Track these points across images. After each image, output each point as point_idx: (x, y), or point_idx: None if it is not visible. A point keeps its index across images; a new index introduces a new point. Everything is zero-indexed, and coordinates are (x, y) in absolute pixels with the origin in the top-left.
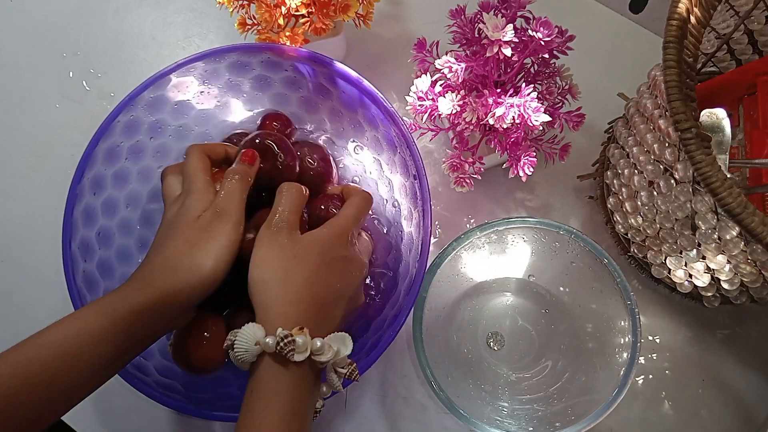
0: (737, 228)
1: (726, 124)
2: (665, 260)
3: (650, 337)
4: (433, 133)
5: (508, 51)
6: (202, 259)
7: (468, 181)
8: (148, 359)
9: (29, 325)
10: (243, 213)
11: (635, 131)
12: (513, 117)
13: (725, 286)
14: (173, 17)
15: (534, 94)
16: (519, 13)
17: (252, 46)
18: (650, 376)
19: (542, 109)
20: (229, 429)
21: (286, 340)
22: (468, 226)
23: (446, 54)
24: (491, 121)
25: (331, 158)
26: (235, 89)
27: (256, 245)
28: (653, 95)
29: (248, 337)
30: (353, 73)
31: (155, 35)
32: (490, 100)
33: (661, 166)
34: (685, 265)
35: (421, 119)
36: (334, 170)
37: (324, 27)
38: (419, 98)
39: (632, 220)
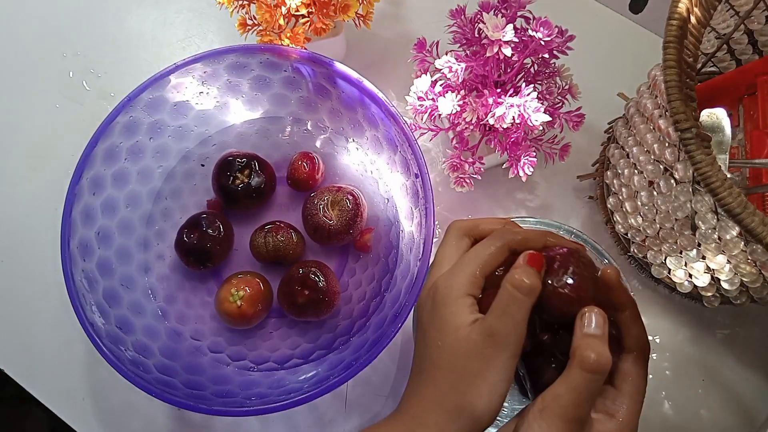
0: (737, 228)
1: (726, 124)
2: (665, 260)
3: (650, 337)
4: (433, 133)
5: (508, 51)
6: (473, 398)
7: (468, 181)
8: (148, 357)
9: (29, 325)
10: (521, 344)
11: (635, 131)
12: (513, 117)
13: (725, 286)
14: (173, 17)
15: (534, 94)
16: (519, 13)
17: (251, 47)
18: (650, 376)
19: (542, 109)
20: (228, 425)
21: None
22: None
23: (446, 54)
24: (491, 121)
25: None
26: (235, 90)
27: None
28: (653, 95)
29: None
30: (353, 74)
31: (155, 35)
32: (490, 100)
33: (661, 166)
34: (685, 265)
35: (421, 119)
36: None
37: (324, 27)
38: (419, 98)
39: (632, 220)
